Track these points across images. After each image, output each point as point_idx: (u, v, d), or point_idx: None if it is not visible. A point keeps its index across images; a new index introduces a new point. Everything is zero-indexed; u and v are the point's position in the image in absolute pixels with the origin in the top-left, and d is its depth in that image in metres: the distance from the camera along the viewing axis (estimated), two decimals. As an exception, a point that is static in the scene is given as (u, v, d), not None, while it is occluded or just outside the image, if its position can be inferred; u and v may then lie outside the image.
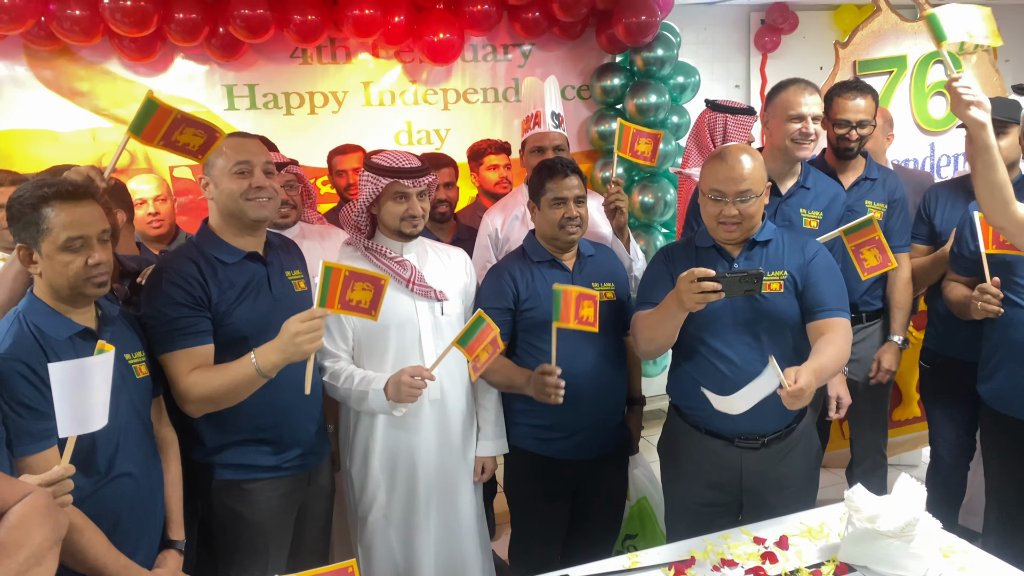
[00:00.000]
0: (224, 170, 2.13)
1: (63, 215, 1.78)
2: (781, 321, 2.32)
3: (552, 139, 3.05)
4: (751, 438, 2.36)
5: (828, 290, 2.31)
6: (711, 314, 2.30)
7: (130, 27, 3.43)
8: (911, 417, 4.01)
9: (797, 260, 2.34)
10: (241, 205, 2.13)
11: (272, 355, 1.99)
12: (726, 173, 2.26)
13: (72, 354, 1.81)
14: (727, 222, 2.27)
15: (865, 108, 3.01)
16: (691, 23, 6.57)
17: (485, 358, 2.29)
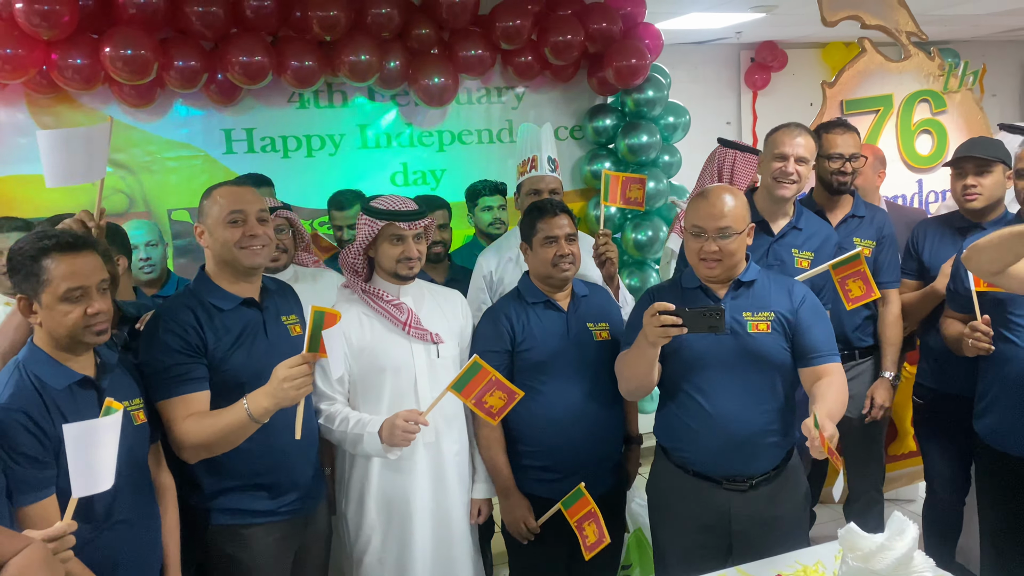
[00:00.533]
0: (218, 219, 2.16)
1: (63, 266, 1.82)
2: (767, 362, 2.34)
3: (548, 183, 3.12)
4: (739, 480, 2.36)
5: (820, 335, 2.35)
6: (697, 354, 2.33)
7: (130, 75, 3.49)
8: (907, 452, 4.02)
9: (784, 302, 2.37)
10: (235, 253, 2.16)
11: (263, 401, 2.01)
12: (707, 209, 2.31)
13: (71, 403, 1.84)
14: (707, 258, 2.31)
15: (854, 143, 3.09)
16: (682, 61, 6.70)
17: (501, 405, 2.29)
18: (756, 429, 2.34)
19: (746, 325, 2.33)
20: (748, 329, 2.32)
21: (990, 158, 2.88)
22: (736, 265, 2.36)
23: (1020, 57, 8.01)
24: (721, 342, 2.30)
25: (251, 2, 3.64)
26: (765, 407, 2.35)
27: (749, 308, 2.35)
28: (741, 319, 2.33)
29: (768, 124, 7.09)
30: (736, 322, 2.33)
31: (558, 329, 2.63)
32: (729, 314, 2.32)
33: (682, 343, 2.32)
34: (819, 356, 2.33)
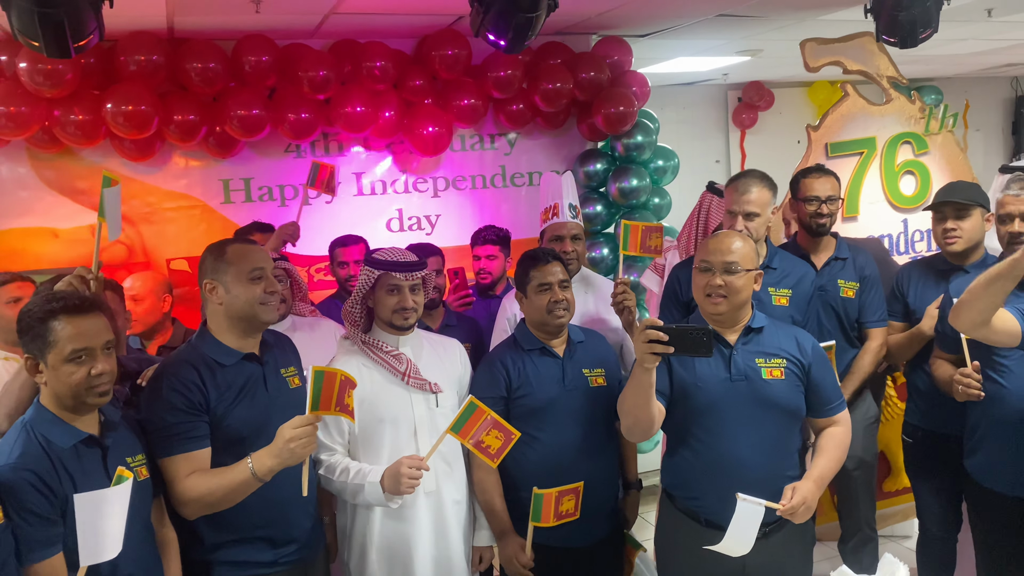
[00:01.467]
0: (239, 276, 2.21)
1: (69, 328, 1.87)
2: (782, 408, 2.37)
3: (569, 228, 3.21)
4: None
5: (831, 386, 2.46)
6: (711, 400, 2.36)
7: (131, 130, 3.58)
8: (901, 488, 4.05)
9: (794, 349, 2.42)
10: (256, 309, 2.22)
11: (268, 460, 2.06)
12: (715, 245, 2.40)
13: (77, 462, 1.89)
14: (713, 293, 2.36)
15: (831, 186, 3.18)
16: (671, 102, 6.84)
17: (499, 446, 2.33)
18: (771, 476, 2.35)
19: (760, 372, 2.37)
20: (763, 376, 2.36)
21: (968, 202, 2.96)
22: (742, 306, 2.40)
23: (1002, 93, 8.18)
24: (735, 389, 2.35)
25: (249, 57, 3.74)
26: (780, 453, 2.39)
27: (761, 355, 2.39)
28: (755, 365, 2.38)
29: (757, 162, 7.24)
30: (750, 368, 2.37)
31: (554, 375, 2.67)
32: (742, 360, 2.37)
33: (694, 389, 2.37)
34: (831, 407, 2.45)
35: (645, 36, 4.61)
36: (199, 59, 3.67)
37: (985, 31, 5.01)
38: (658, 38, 4.66)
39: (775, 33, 4.65)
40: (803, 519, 2.30)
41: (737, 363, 2.38)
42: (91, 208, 3.95)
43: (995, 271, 2.32)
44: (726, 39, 4.86)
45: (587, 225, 4.58)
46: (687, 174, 5.13)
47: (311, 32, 3.96)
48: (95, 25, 2.24)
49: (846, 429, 2.46)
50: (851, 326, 3.22)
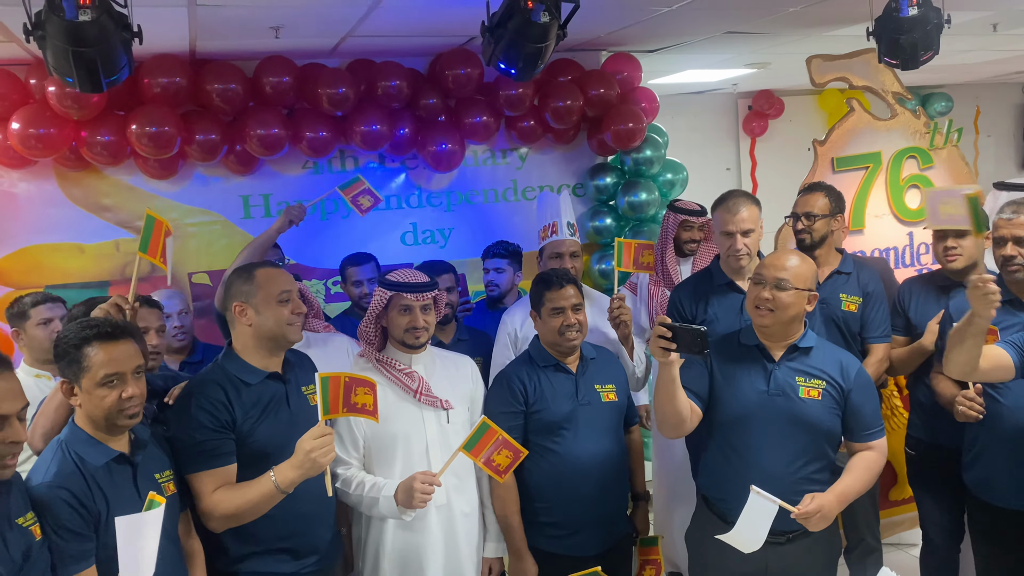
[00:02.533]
0: (269, 299, 2.32)
1: (102, 354, 1.98)
2: (814, 427, 2.44)
3: (567, 246, 3.30)
4: (777, 533, 2.42)
5: (869, 412, 2.51)
6: (745, 410, 2.46)
7: (155, 150, 3.70)
8: (907, 497, 4.11)
9: (836, 372, 2.48)
10: (285, 330, 2.33)
11: (290, 473, 2.16)
12: (771, 260, 2.50)
13: (109, 479, 2.00)
14: (760, 306, 2.45)
15: (813, 203, 3.27)
16: (681, 111, 6.90)
17: (507, 463, 2.42)
18: (796, 486, 2.43)
19: (798, 390, 2.45)
20: (800, 394, 2.44)
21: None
22: (790, 322, 2.47)
23: (1013, 98, 8.18)
24: (771, 403, 2.44)
25: (268, 78, 3.86)
26: (809, 468, 2.47)
27: (802, 373, 2.47)
28: (793, 383, 2.46)
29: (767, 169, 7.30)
30: (788, 385, 2.46)
31: (568, 391, 2.77)
32: (782, 377, 2.46)
33: (730, 397, 2.48)
34: (867, 433, 2.51)
35: (654, 51, 4.70)
36: (220, 80, 3.80)
37: (992, 43, 5.06)
38: (667, 53, 4.74)
39: (782, 48, 4.72)
40: (816, 527, 2.37)
41: (777, 378, 2.47)
42: (115, 224, 4.09)
43: (959, 330, 2.40)
44: (734, 53, 4.94)
45: (597, 238, 4.67)
46: (698, 183, 5.20)
47: (328, 52, 4.07)
48: (126, 61, 2.35)
49: (880, 456, 2.52)
50: (852, 339, 3.28)
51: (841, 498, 2.41)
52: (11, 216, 3.94)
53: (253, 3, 3.04)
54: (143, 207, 4.03)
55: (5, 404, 1.73)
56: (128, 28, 2.33)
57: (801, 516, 2.33)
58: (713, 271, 3.12)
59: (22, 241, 3.96)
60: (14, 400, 1.76)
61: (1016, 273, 2.71)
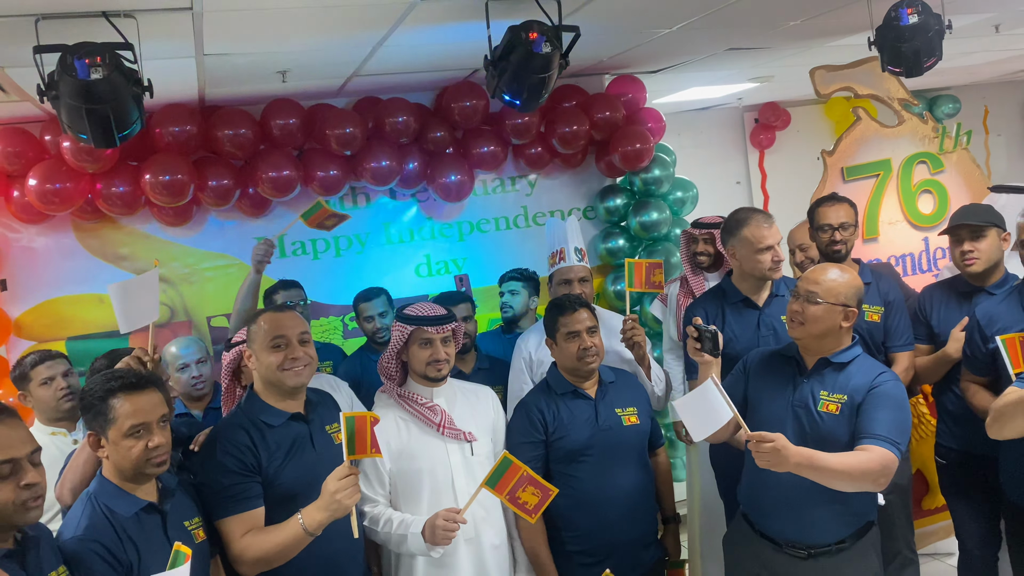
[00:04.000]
0: (264, 344, 2.33)
1: (127, 405, 2.00)
2: (830, 442, 2.40)
3: (576, 272, 3.32)
4: (798, 546, 2.43)
5: (877, 420, 2.35)
6: (771, 418, 2.46)
7: (169, 198, 3.75)
8: (940, 505, 4.04)
9: (862, 384, 2.40)
10: (278, 376, 2.33)
11: (317, 515, 2.16)
12: (810, 274, 2.51)
13: (139, 529, 2.01)
14: (793, 318, 2.47)
15: (844, 213, 3.26)
16: (688, 128, 6.92)
17: (536, 502, 2.38)
18: (814, 497, 2.39)
19: (818, 403, 2.44)
20: (818, 408, 2.43)
21: (983, 223, 3.00)
22: (823, 336, 2.44)
23: (1021, 96, 8.16)
24: (793, 412, 2.45)
25: (277, 121, 3.91)
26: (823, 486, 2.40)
27: (827, 388, 2.44)
28: (817, 396, 2.45)
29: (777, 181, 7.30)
30: (812, 398, 2.45)
31: (588, 417, 2.76)
32: (808, 389, 2.46)
33: (756, 405, 2.54)
34: (865, 436, 2.34)
35: (658, 71, 4.73)
36: (230, 126, 3.85)
37: (995, 44, 5.05)
38: (670, 72, 4.77)
39: (785, 61, 4.74)
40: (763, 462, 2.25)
41: (801, 391, 2.47)
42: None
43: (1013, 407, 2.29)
44: (737, 69, 4.96)
45: (610, 259, 4.68)
46: (709, 198, 5.20)
47: (335, 92, 4.13)
48: (138, 115, 2.40)
49: (874, 460, 2.31)
50: (877, 349, 3.25)
51: (806, 457, 2.25)
52: (30, 270, 4.00)
53: (259, 50, 3.09)
54: (159, 254, 4.15)
55: (14, 448, 1.73)
56: (139, 83, 2.37)
57: (755, 438, 2.24)
58: (727, 289, 3.11)
59: (43, 295, 4.02)
60: (22, 444, 1.76)
61: None
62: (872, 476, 2.30)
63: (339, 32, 2.98)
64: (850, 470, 2.30)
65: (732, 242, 3.05)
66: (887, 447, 2.31)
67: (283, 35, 2.94)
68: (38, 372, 2.97)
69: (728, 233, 3.07)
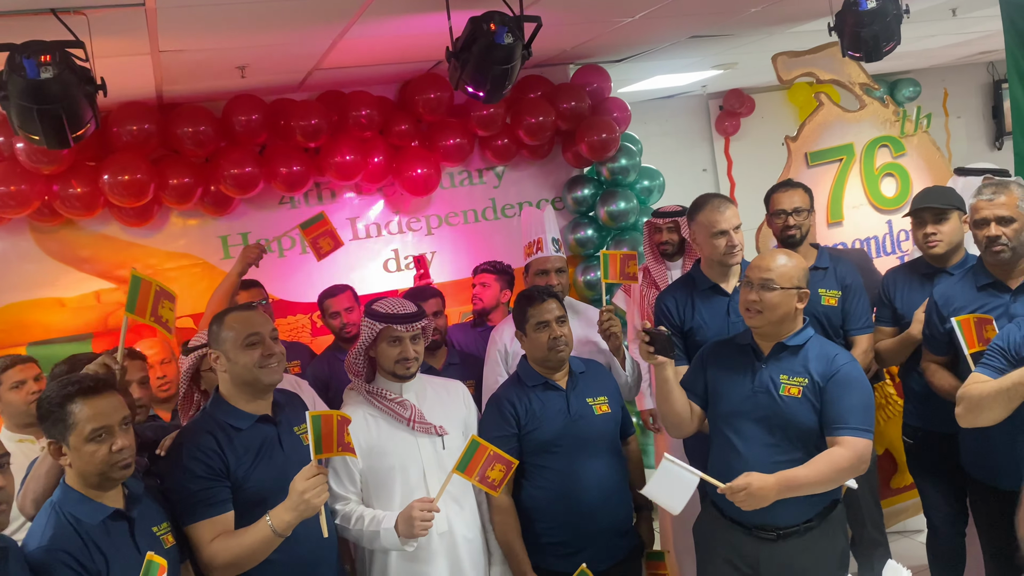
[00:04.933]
0: (236, 343, 2.30)
1: (87, 409, 1.96)
2: (793, 425, 2.45)
3: (553, 262, 3.31)
4: (767, 528, 2.46)
5: (844, 406, 2.40)
6: (734, 406, 2.50)
7: (128, 198, 3.68)
8: (909, 484, 4.11)
9: (822, 368, 2.45)
10: (256, 374, 2.30)
11: (286, 515, 2.13)
12: (757, 262, 2.52)
13: (106, 537, 1.97)
14: (750, 308, 2.48)
15: (798, 198, 3.28)
16: (654, 116, 6.95)
17: (500, 476, 2.42)
18: None
19: (779, 387, 2.46)
20: (780, 392, 2.46)
21: (946, 206, 3.04)
22: (780, 322, 2.48)
23: (980, 78, 8.29)
24: (755, 400, 2.47)
25: (238, 117, 3.85)
26: (790, 464, 2.44)
27: (787, 371, 2.47)
28: (777, 380, 2.47)
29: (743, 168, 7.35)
30: (772, 383, 2.47)
31: (559, 408, 2.77)
32: (767, 375, 2.48)
33: (717, 395, 2.55)
34: (837, 427, 2.40)
35: (622, 61, 4.72)
36: (189, 123, 3.78)
37: (954, 27, 5.12)
38: (634, 61, 4.77)
39: (748, 47, 4.76)
40: (745, 505, 2.32)
41: (761, 377, 2.49)
42: (94, 275, 4.06)
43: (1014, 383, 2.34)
44: (700, 56, 4.97)
45: (580, 250, 4.68)
46: (676, 185, 5.22)
47: (296, 87, 4.07)
48: (91, 115, 2.34)
49: (849, 453, 2.36)
50: (835, 333, 3.28)
51: (783, 483, 2.33)
52: (-12, 276, 3.91)
53: (215, 45, 3.04)
54: (121, 256, 4.08)
55: None
56: (91, 81, 2.31)
57: (727, 491, 2.32)
58: (696, 277, 3.12)
59: (1, 300, 3.92)
60: None
61: (1001, 253, 2.72)
62: (849, 470, 2.38)
63: (297, 25, 2.94)
64: (827, 475, 2.38)
65: (693, 227, 3.09)
66: (861, 435, 2.38)
67: (239, 30, 2.89)
68: (9, 376, 2.91)
69: (689, 218, 3.11)
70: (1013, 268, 2.75)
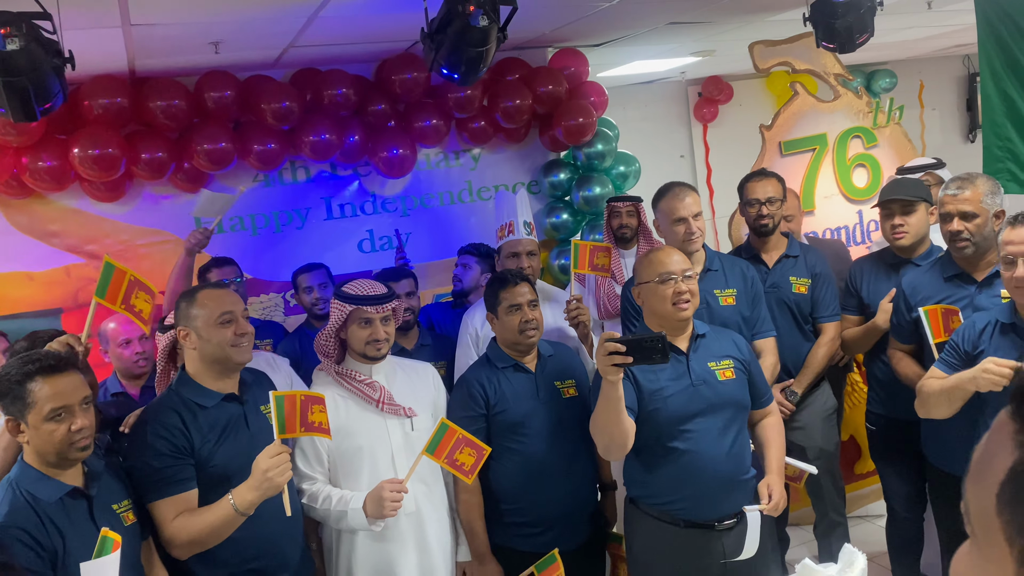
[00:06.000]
0: (209, 321, 2.30)
1: (47, 388, 1.95)
2: (737, 404, 2.52)
3: (524, 245, 3.34)
4: (729, 517, 2.49)
5: (762, 379, 2.65)
6: (677, 410, 2.44)
7: (99, 173, 3.63)
8: (871, 470, 4.19)
9: (734, 350, 2.58)
10: (228, 352, 2.31)
11: (248, 494, 2.15)
12: (669, 257, 2.56)
13: (63, 514, 1.97)
14: (690, 299, 2.50)
15: (772, 188, 3.32)
16: (632, 101, 6.95)
17: (471, 462, 2.44)
18: (742, 466, 2.52)
19: (715, 374, 2.50)
20: (719, 377, 2.50)
21: (913, 198, 3.09)
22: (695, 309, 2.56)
23: (955, 71, 8.36)
24: (699, 393, 2.47)
25: (211, 93, 3.81)
26: (739, 443, 2.53)
27: (712, 358, 2.52)
28: (710, 369, 2.51)
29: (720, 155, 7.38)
30: (707, 372, 2.50)
31: (528, 390, 2.79)
32: (698, 365, 2.50)
33: (662, 400, 2.46)
34: (765, 399, 2.65)
35: (600, 45, 4.72)
36: (162, 97, 3.73)
37: (929, 20, 5.16)
38: (613, 46, 4.76)
39: (726, 35, 4.77)
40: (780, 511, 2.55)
41: (695, 369, 2.51)
42: (64, 250, 4.01)
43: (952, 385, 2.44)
44: (679, 43, 4.98)
45: (555, 234, 4.69)
46: (653, 172, 5.22)
47: (272, 64, 4.03)
48: (59, 87, 2.31)
49: (777, 421, 2.68)
50: (804, 320, 3.35)
51: (780, 474, 2.58)
52: (-44, 249, 3.85)
53: (188, 20, 3.00)
54: (92, 231, 4.03)
55: None
56: (59, 54, 2.28)
57: (773, 510, 2.46)
58: None
59: (-32, 274, 3.88)
60: None
61: (964, 249, 2.77)
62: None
63: (272, 1, 2.91)
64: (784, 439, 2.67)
65: (656, 213, 3.13)
66: (772, 398, 2.72)
67: (213, 5, 2.85)
68: None
69: (653, 204, 3.14)
70: (979, 261, 2.81)
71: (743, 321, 3.05)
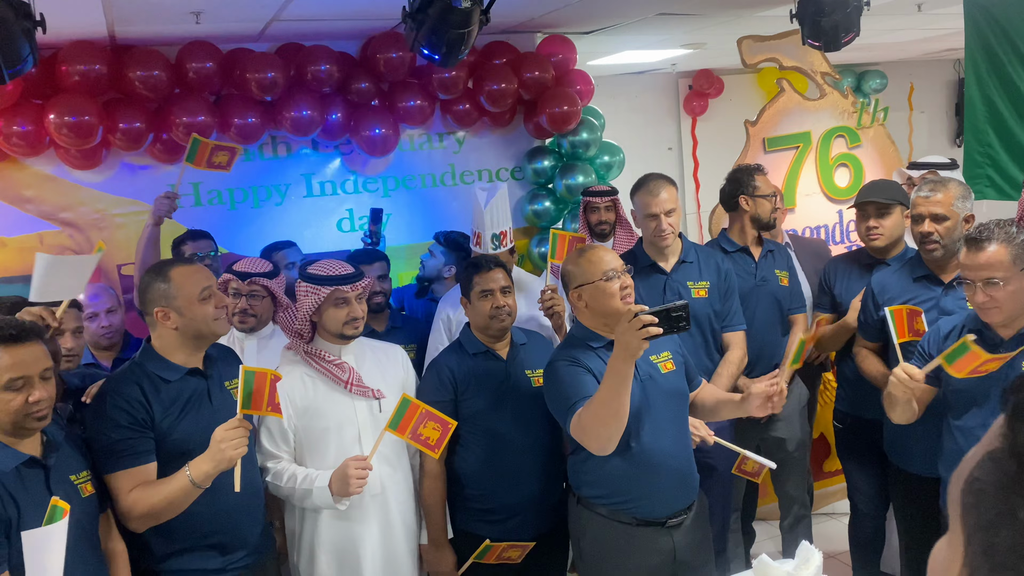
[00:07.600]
0: (190, 300, 2.29)
1: (6, 357, 1.92)
2: (680, 395, 2.52)
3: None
4: (680, 513, 2.49)
5: (690, 363, 2.66)
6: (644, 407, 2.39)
7: (75, 140, 3.58)
8: (838, 468, 4.22)
9: (668, 341, 2.47)
10: (212, 326, 2.32)
11: (203, 465, 2.14)
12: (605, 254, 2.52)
13: (18, 483, 1.95)
14: (627, 296, 2.47)
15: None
16: (622, 91, 6.91)
17: (437, 436, 2.44)
18: (691, 460, 2.53)
19: (658, 367, 2.49)
20: (661, 371, 2.49)
21: (889, 201, 3.10)
22: None
23: (946, 75, 8.37)
24: (646, 389, 2.44)
25: (192, 64, 3.76)
26: (689, 438, 2.55)
27: (652, 352, 2.42)
28: (652, 363, 2.49)
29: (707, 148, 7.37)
30: (650, 367, 2.48)
31: (498, 377, 2.78)
32: (642, 360, 2.40)
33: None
34: (696, 381, 2.66)
35: (589, 33, 4.69)
36: (142, 67, 3.68)
37: (919, 23, 5.16)
38: (602, 34, 4.73)
39: (716, 28, 4.75)
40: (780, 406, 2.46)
41: (639, 364, 2.37)
42: (38, 216, 3.95)
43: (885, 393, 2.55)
44: (669, 34, 4.95)
45: (536, 221, 4.67)
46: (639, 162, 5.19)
47: (255, 37, 3.98)
48: (29, 50, 2.27)
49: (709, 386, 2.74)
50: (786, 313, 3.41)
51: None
52: (-73, 212, 3.79)
53: (169, -13, 2.96)
54: (67, 199, 3.98)
55: None
56: (30, 17, 2.24)
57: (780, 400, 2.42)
58: (637, 254, 3.16)
59: (-62, 238, 3.82)
60: None
61: (934, 251, 2.79)
62: None
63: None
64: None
65: (634, 205, 3.13)
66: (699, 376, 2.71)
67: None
68: None
69: (632, 195, 3.14)
70: (947, 263, 2.83)
71: (714, 314, 3.06)
